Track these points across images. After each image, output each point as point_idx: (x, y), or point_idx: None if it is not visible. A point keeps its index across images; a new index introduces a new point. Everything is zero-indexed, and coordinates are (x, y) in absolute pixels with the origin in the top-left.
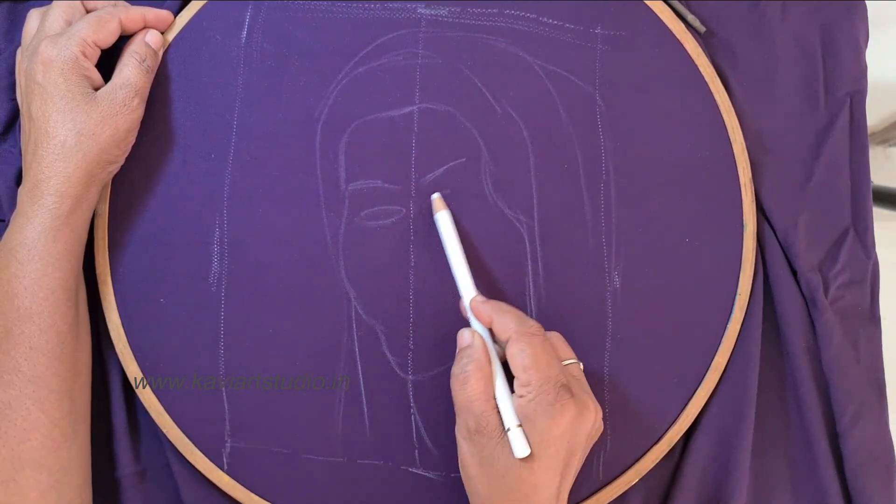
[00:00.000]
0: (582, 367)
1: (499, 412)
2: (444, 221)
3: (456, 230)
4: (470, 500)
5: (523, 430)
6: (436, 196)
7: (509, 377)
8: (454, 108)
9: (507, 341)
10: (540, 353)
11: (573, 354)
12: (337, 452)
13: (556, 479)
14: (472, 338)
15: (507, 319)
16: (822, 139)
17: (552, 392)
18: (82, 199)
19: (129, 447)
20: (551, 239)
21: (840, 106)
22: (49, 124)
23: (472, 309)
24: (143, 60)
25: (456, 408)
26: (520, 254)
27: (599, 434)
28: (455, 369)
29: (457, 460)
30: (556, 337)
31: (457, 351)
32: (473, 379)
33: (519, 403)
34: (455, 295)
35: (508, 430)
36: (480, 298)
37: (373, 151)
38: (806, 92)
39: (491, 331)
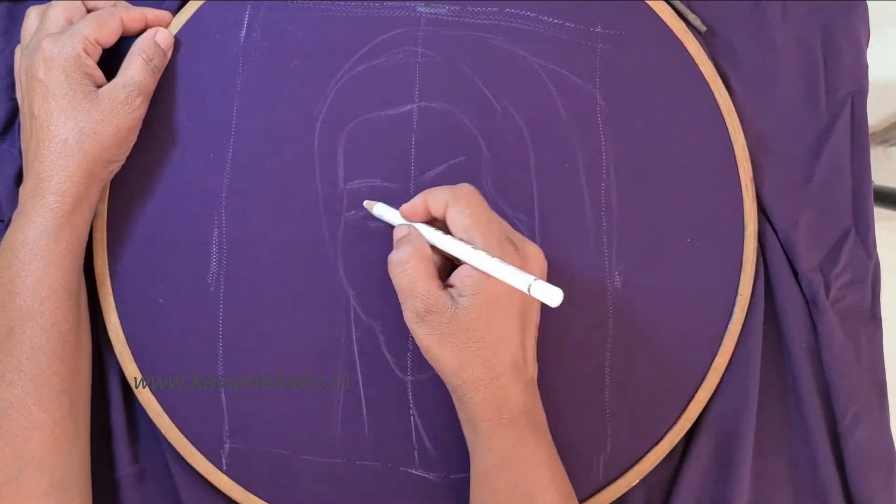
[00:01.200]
0: None
1: (445, 288)
2: (381, 209)
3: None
4: (443, 378)
5: (539, 281)
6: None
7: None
8: (454, 107)
9: (444, 212)
10: (478, 209)
11: None
12: (336, 453)
13: (517, 330)
14: (407, 229)
15: (438, 193)
16: (823, 139)
17: (497, 246)
18: (84, 198)
19: (128, 447)
20: (552, 238)
21: (841, 106)
22: (51, 122)
23: (403, 211)
24: (151, 60)
25: (399, 295)
26: None
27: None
28: (392, 256)
29: (457, 461)
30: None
31: (394, 238)
32: (413, 260)
33: (467, 267)
34: None
35: (530, 287)
36: (407, 204)
37: (372, 150)
38: (807, 92)
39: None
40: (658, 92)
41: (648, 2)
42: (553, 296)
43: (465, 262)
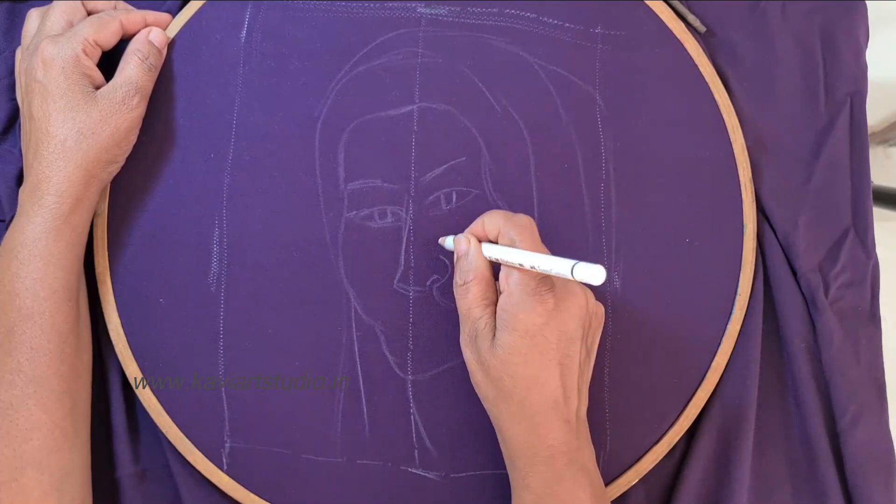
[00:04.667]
0: None
1: (494, 316)
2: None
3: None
4: (485, 407)
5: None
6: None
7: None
8: (454, 108)
9: (497, 236)
10: (527, 239)
11: None
12: (336, 452)
13: (555, 370)
14: (468, 245)
15: (495, 218)
16: (823, 139)
17: (532, 283)
18: (83, 199)
19: (129, 447)
20: (551, 238)
21: (840, 106)
22: (49, 123)
23: (465, 234)
24: (146, 58)
25: (460, 317)
26: None
27: (601, 324)
28: (457, 279)
29: (457, 460)
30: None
31: (455, 259)
32: (473, 284)
33: (501, 298)
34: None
35: (573, 271)
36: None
37: (372, 151)
38: (806, 92)
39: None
40: (657, 92)
41: (648, 2)
42: (596, 273)
43: (518, 279)
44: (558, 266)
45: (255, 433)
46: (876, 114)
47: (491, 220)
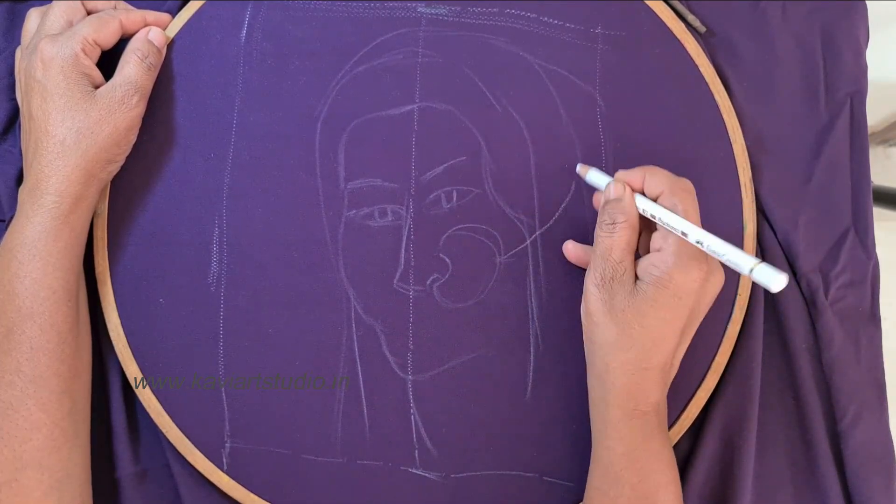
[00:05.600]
0: None
1: (633, 264)
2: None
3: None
4: (589, 349)
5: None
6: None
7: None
8: (454, 107)
9: (658, 196)
10: (690, 208)
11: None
12: (336, 453)
13: (677, 334)
14: (623, 190)
15: (659, 176)
16: (823, 139)
17: (693, 249)
18: (82, 199)
19: (129, 447)
20: (552, 238)
21: (840, 106)
22: (49, 123)
23: (620, 178)
24: (146, 57)
25: (595, 255)
26: (520, 253)
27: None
28: (603, 217)
29: (457, 461)
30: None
31: (602, 202)
32: (621, 227)
33: (653, 254)
34: (456, 294)
35: (752, 270)
36: (623, 171)
37: (372, 150)
38: (806, 92)
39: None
40: (658, 92)
41: (648, 2)
42: (777, 280)
43: (678, 241)
44: (737, 258)
45: (255, 433)
46: (876, 114)
47: (654, 178)
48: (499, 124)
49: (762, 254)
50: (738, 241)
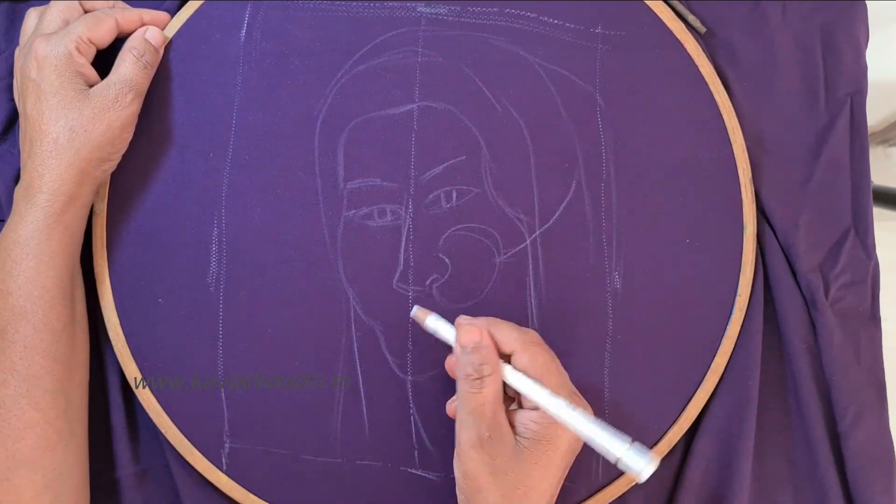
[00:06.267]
0: None
1: (506, 418)
2: (435, 323)
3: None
4: None
5: (636, 444)
6: (416, 311)
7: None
8: (454, 107)
9: (511, 353)
10: (549, 360)
11: None
12: (336, 453)
13: (559, 480)
14: (480, 337)
15: (506, 330)
16: (823, 139)
17: (568, 396)
18: (76, 197)
19: (129, 447)
20: (552, 238)
21: (840, 106)
22: (42, 121)
23: (461, 326)
24: (142, 56)
25: (464, 413)
26: (520, 253)
27: None
28: (466, 370)
29: None
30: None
31: (456, 349)
32: (489, 381)
33: (529, 410)
34: (455, 294)
35: (619, 458)
36: (467, 318)
37: (372, 150)
38: (806, 92)
39: None
40: (658, 92)
41: (648, 2)
42: (647, 466)
43: (541, 409)
44: (611, 444)
45: (254, 433)
46: (876, 114)
47: (502, 334)
48: (498, 124)
49: (763, 254)
50: (738, 242)
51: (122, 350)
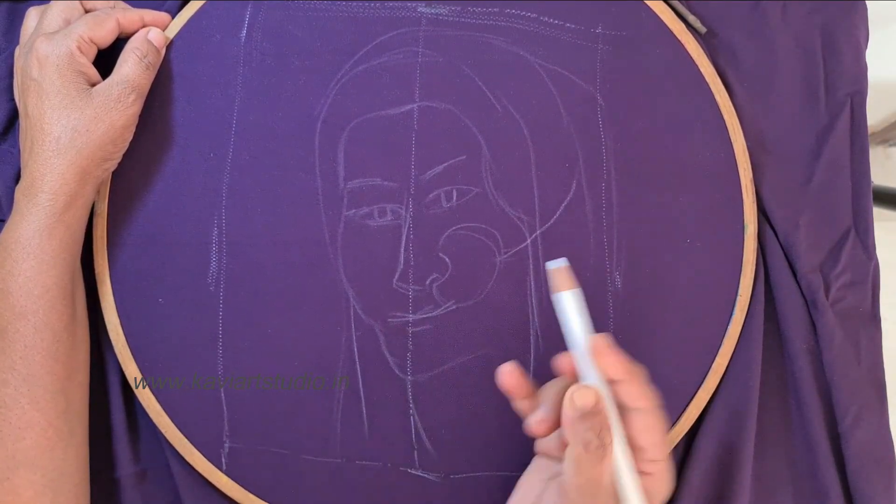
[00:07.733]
0: None
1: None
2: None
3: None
4: None
5: None
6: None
7: None
8: (454, 107)
9: (639, 408)
10: (663, 428)
11: None
12: (335, 453)
13: None
14: (596, 399)
15: (641, 385)
16: (823, 139)
17: (668, 466)
18: (77, 197)
19: (129, 447)
20: (552, 238)
21: (840, 106)
22: (44, 121)
23: (599, 353)
24: (144, 56)
25: (581, 480)
26: (521, 252)
27: None
28: (587, 435)
29: (456, 461)
30: None
31: (571, 413)
32: (610, 453)
33: (648, 480)
34: (455, 294)
35: None
36: (608, 344)
37: (372, 149)
38: (806, 92)
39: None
40: (658, 92)
41: (648, 3)
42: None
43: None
44: None
45: (254, 433)
46: (876, 114)
47: (637, 388)
48: (499, 124)
49: (763, 254)
50: (739, 242)
51: (123, 350)
